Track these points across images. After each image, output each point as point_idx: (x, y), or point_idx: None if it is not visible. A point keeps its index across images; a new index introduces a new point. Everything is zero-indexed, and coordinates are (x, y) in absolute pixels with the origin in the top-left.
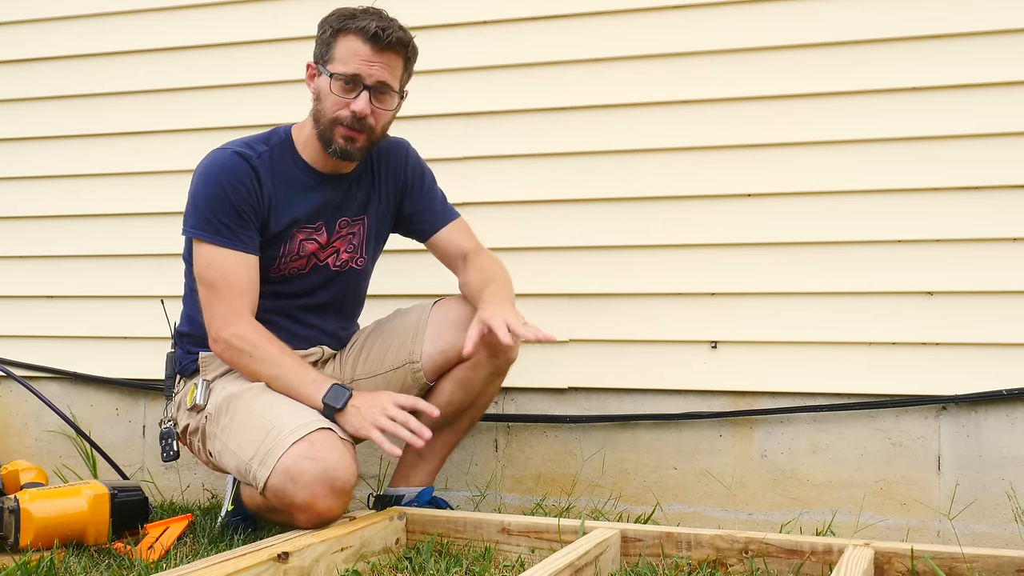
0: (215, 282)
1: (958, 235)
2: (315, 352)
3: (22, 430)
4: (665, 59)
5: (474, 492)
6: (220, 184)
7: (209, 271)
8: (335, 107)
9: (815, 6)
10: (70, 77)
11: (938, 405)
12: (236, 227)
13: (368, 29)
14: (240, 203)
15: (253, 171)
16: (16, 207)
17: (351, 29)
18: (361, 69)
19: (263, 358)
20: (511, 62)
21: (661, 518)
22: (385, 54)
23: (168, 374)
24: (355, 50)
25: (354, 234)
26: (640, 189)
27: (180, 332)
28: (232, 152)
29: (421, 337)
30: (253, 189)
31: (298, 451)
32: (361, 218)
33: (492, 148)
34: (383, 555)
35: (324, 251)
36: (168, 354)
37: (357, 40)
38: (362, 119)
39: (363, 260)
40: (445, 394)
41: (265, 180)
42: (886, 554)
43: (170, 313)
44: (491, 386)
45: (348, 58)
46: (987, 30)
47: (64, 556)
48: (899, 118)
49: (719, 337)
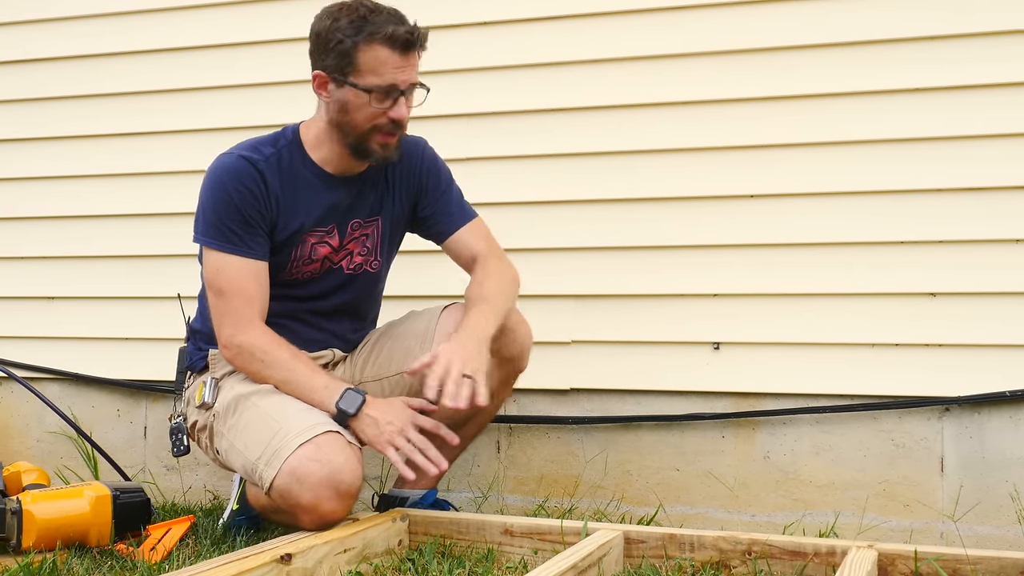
0: (224, 289)
1: (961, 236)
2: (326, 355)
3: (23, 431)
4: (668, 60)
5: (476, 493)
6: (226, 190)
7: (218, 278)
8: (371, 118)
9: (823, 7)
10: (72, 78)
11: (941, 406)
12: (244, 233)
13: (397, 37)
14: (247, 209)
15: (260, 175)
16: (17, 208)
17: (376, 38)
18: (397, 78)
19: (274, 363)
20: (513, 63)
21: (664, 519)
22: (411, 56)
23: (180, 369)
24: (384, 59)
25: (368, 236)
26: (643, 190)
27: (193, 328)
28: (237, 156)
29: (429, 344)
30: (260, 194)
31: (304, 453)
32: (375, 220)
33: (494, 149)
34: (386, 556)
35: (337, 254)
36: (181, 348)
37: (385, 49)
38: (401, 123)
39: (377, 263)
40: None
41: (272, 184)
42: (889, 556)
43: (185, 309)
44: (500, 394)
45: (379, 68)
46: (989, 31)
47: (66, 558)
48: (903, 119)
49: (722, 338)
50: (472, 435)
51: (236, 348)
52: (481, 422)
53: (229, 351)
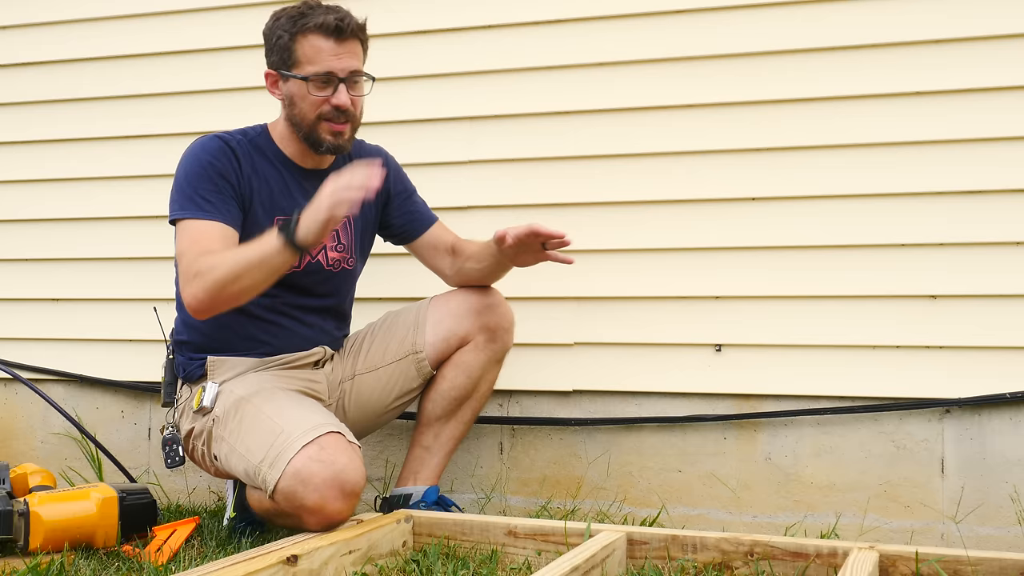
0: (187, 249)
1: (962, 239)
2: (317, 352)
3: (28, 432)
4: (670, 64)
5: (479, 494)
6: (198, 160)
7: (191, 246)
8: (314, 106)
9: (820, 10)
10: (80, 80)
11: (942, 408)
12: (216, 200)
13: (328, 24)
14: (218, 175)
15: (232, 151)
16: (23, 210)
17: (309, 28)
18: (332, 65)
19: (217, 263)
20: (514, 66)
21: (666, 520)
22: (347, 43)
23: (168, 380)
24: (319, 47)
25: (341, 231)
26: (645, 193)
27: (179, 340)
28: (212, 136)
29: (423, 328)
30: (232, 163)
31: (308, 454)
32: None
33: (495, 152)
34: (390, 558)
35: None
36: (167, 360)
37: (318, 37)
38: (345, 111)
39: (353, 259)
40: (448, 379)
41: (244, 162)
42: (891, 557)
43: (164, 320)
44: (490, 373)
45: (314, 57)
46: (991, 35)
47: (73, 559)
48: (903, 122)
49: (723, 340)
50: (468, 420)
51: (193, 281)
52: (475, 406)
53: (189, 294)
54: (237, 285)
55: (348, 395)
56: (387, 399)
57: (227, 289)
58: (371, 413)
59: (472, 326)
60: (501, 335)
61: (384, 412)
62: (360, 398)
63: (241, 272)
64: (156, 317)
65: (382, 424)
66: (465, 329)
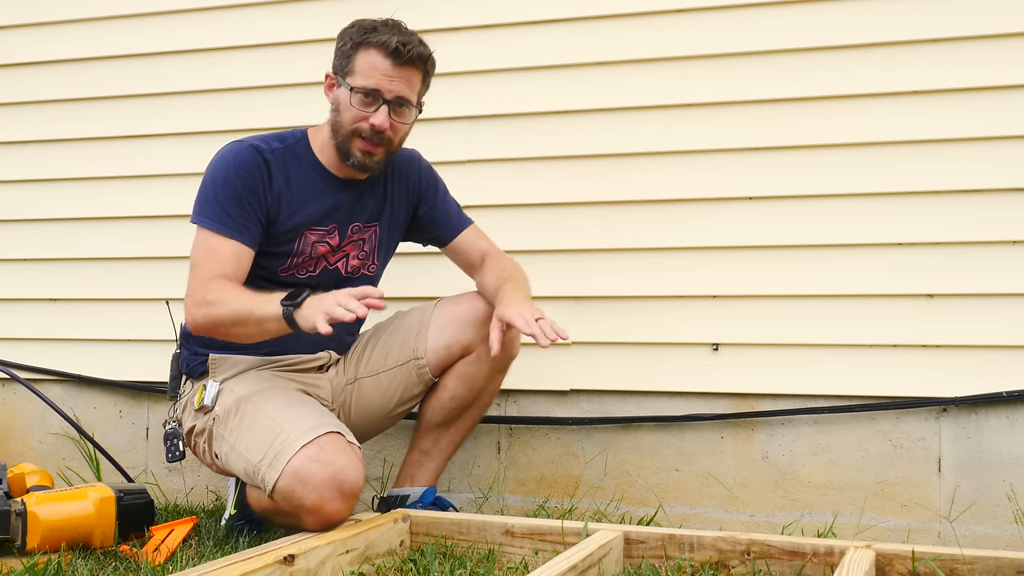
0: (200, 262)
1: (958, 238)
2: (322, 356)
3: (25, 432)
4: (667, 63)
5: (477, 494)
6: (230, 173)
7: (204, 257)
8: (354, 120)
9: (821, 10)
10: (78, 80)
11: (939, 407)
12: (238, 215)
13: (389, 44)
14: (247, 194)
15: (265, 164)
16: (20, 210)
17: (372, 43)
18: (381, 84)
19: (226, 300)
20: (515, 66)
21: (663, 520)
22: (405, 69)
23: (173, 374)
24: (375, 64)
25: (365, 240)
26: (643, 192)
27: (186, 334)
28: (248, 145)
29: (425, 334)
30: (262, 182)
31: (307, 454)
32: (373, 225)
33: (495, 151)
34: (388, 557)
35: (335, 255)
36: (174, 354)
37: (378, 55)
38: (381, 133)
39: (375, 267)
40: (448, 389)
41: (276, 176)
42: (887, 556)
43: (175, 316)
44: (492, 383)
45: (368, 72)
46: (987, 34)
47: (71, 559)
48: (900, 122)
49: (721, 339)
50: (468, 427)
51: (196, 302)
52: (476, 414)
53: (191, 310)
54: (234, 329)
55: (351, 399)
56: (389, 404)
57: (224, 329)
58: (374, 417)
59: (476, 336)
60: (507, 346)
61: (387, 416)
62: (363, 402)
63: (241, 320)
64: (168, 311)
65: (387, 427)
66: (468, 338)
